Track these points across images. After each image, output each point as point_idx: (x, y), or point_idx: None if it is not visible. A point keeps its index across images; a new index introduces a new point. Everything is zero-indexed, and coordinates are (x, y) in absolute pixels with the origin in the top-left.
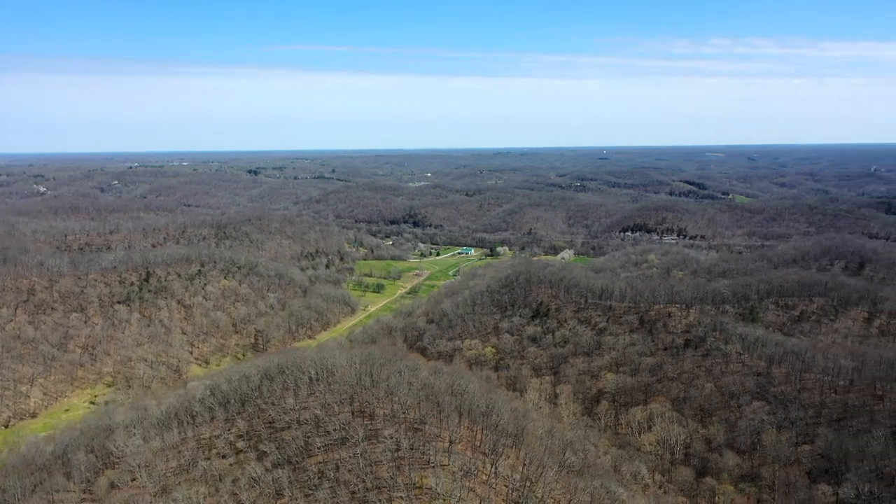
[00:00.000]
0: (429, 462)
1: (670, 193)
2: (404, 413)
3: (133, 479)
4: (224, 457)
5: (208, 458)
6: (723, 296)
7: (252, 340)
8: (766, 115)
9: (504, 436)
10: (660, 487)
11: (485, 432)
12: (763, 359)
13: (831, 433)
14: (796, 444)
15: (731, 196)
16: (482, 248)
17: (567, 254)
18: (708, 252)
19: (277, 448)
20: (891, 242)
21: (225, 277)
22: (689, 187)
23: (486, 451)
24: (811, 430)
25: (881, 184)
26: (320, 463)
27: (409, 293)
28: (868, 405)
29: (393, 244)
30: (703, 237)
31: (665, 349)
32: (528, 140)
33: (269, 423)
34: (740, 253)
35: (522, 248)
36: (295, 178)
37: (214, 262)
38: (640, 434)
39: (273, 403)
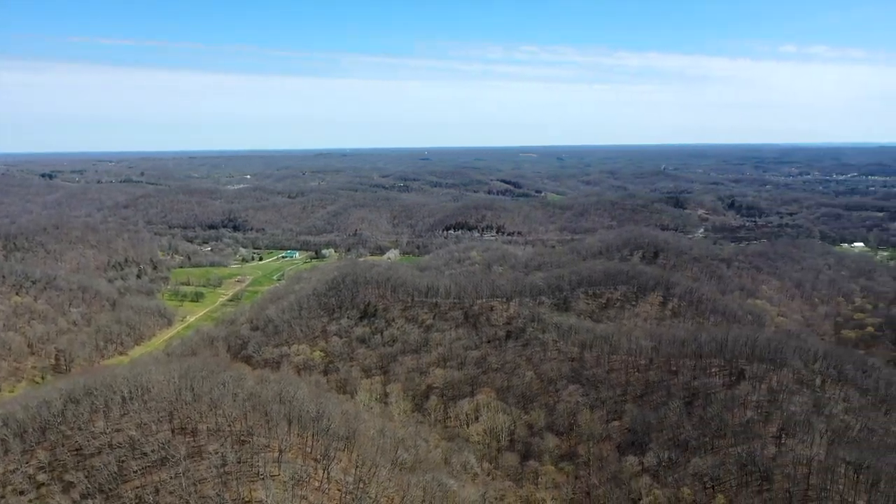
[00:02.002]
0: (258, 474)
1: (489, 192)
2: (230, 426)
3: None
4: (22, 493)
5: (2, 496)
6: (539, 288)
7: (52, 361)
8: (571, 118)
9: (336, 439)
10: (488, 475)
11: (316, 438)
12: (576, 345)
13: (636, 409)
14: (607, 421)
15: (543, 194)
16: (307, 250)
17: (393, 253)
18: (525, 247)
19: (87, 476)
20: (679, 233)
21: (17, 293)
22: (506, 186)
23: (318, 456)
24: (619, 407)
25: (670, 181)
26: (138, 488)
27: (231, 300)
28: (665, 380)
29: (212, 250)
30: (520, 233)
31: (489, 342)
32: (350, 141)
33: (76, 450)
34: (553, 247)
35: (348, 250)
36: (98, 181)
37: (3, 276)
38: (468, 425)
39: (80, 428)
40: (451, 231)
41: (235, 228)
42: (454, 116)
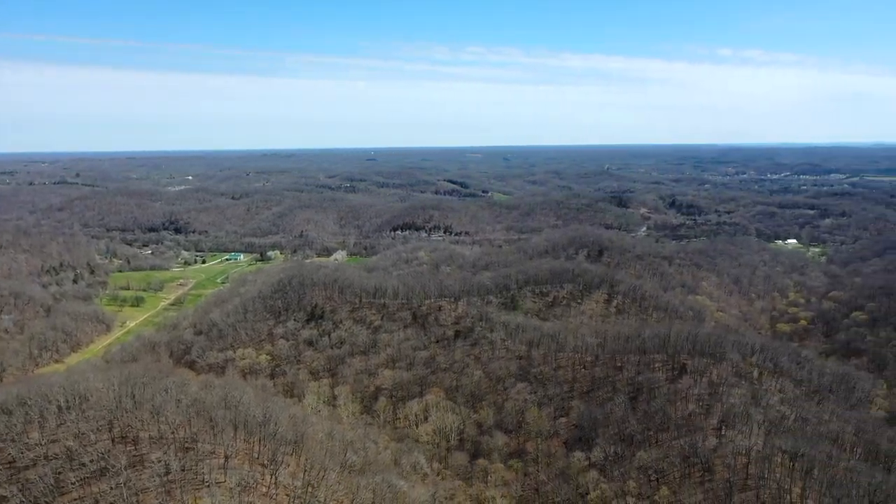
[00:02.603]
0: (203, 481)
1: (436, 192)
2: (173, 433)
3: None
4: None
5: None
6: (487, 287)
7: None
8: (516, 118)
9: (283, 444)
10: (438, 475)
11: (263, 442)
12: (524, 343)
13: (582, 405)
14: (554, 418)
15: (490, 194)
16: (252, 252)
17: (340, 255)
18: (472, 247)
19: (21, 490)
20: (622, 232)
21: None
22: (453, 186)
23: (266, 461)
24: (566, 403)
25: (613, 181)
26: (76, 500)
27: (173, 305)
28: (610, 376)
29: (153, 253)
30: (467, 233)
31: (437, 342)
32: (295, 141)
33: (10, 463)
34: (500, 247)
35: (294, 251)
36: (30, 183)
37: None
38: (417, 426)
39: (13, 440)
40: (399, 231)
41: (177, 231)
42: (400, 117)
